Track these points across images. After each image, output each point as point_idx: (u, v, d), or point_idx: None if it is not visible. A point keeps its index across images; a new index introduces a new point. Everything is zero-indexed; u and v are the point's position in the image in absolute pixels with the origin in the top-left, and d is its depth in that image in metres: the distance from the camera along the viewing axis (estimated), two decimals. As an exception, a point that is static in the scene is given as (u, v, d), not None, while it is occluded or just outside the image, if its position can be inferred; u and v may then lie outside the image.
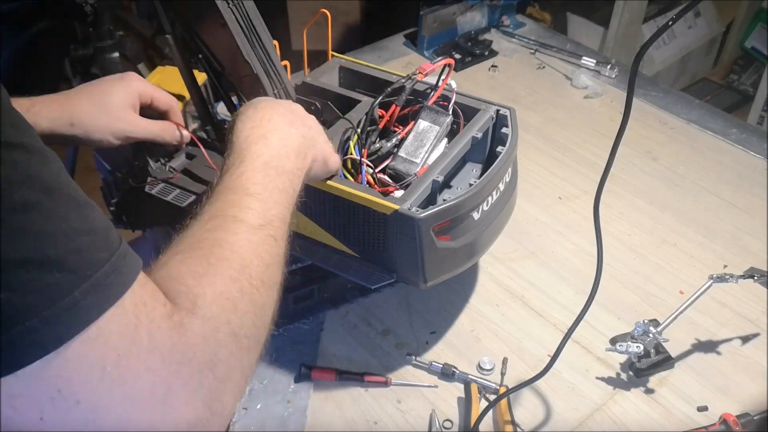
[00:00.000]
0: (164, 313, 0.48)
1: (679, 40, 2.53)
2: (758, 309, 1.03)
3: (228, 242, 0.58)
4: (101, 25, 1.52)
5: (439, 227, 0.82)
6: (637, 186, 1.24)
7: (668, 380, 0.93)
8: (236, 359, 0.52)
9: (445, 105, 0.94)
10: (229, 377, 0.51)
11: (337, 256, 0.90)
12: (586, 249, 1.12)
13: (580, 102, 1.46)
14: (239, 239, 0.59)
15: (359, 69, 1.04)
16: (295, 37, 2.35)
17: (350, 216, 0.85)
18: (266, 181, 0.66)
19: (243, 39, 0.89)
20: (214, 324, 0.51)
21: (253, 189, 0.64)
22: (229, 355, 0.51)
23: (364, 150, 0.90)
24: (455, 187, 0.94)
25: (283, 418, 0.89)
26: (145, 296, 0.47)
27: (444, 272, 0.88)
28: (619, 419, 0.89)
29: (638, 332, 0.91)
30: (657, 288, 1.06)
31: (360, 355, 0.96)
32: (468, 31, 1.62)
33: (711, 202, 1.22)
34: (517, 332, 1.00)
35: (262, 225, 0.62)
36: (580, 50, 1.58)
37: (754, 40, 2.67)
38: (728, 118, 1.42)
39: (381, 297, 1.04)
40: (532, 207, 1.20)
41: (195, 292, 0.52)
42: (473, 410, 0.87)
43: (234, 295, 0.54)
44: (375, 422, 0.89)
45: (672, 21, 0.65)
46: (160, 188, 1.03)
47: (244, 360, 0.53)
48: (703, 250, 1.12)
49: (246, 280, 0.56)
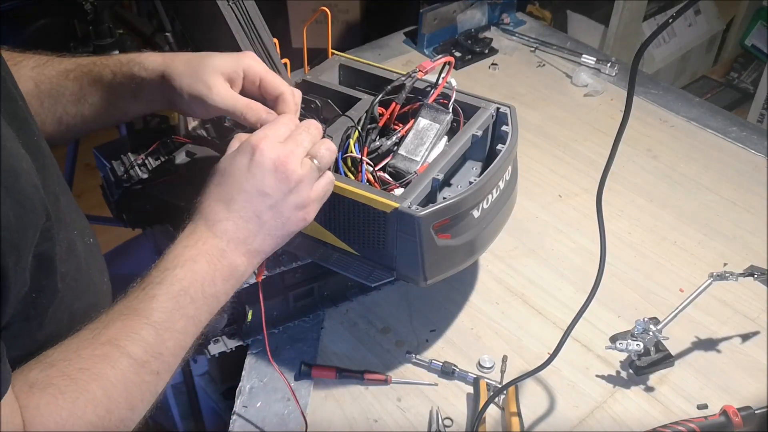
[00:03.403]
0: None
1: (679, 38, 2.53)
2: (758, 307, 1.03)
3: (105, 378, 0.61)
4: (101, 24, 1.52)
5: (439, 225, 0.82)
6: (637, 184, 1.24)
7: (668, 378, 0.93)
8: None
9: (445, 103, 0.94)
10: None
11: (337, 254, 0.90)
12: (587, 247, 1.12)
13: (580, 100, 1.46)
14: (117, 377, 0.62)
15: (359, 67, 1.04)
16: (295, 35, 2.34)
17: (350, 214, 0.85)
18: (175, 309, 0.67)
19: (243, 37, 0.89)
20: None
21: (156, 317, 0.66)
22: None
23: (364, 148, 0.90)
24: (455, 185, 0.94)
25: (283, 416, 0.89)
26: (7, 415, 0.54)
27: (444, 270, 0.88)
28: (619, 417, 0.89)
29: (638, 330, 0.91)
30: (657, 286, 1.06)
31: (360, 353, 0.96)
32: (468, 29, 1.62)
33: (711, 200, 1.21)
34: (517, 330, 1.00)
35: (147, 361, 0.64)
36: (580, 48, 1.58)
37: (754, 38, 2.67)
38: (728, 116, 1.42)
39: (381, 295, 1.04)
40: (533, 205, 1.20)
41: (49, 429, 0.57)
42: (482, 406, 0.87)
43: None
44: (375, 420, 0.89)
45: (672, 19, 0.65)
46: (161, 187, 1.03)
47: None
48: (704, 248, 1.12)
49: (106, 425, 0.61)
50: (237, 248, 0.72)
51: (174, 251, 0.71)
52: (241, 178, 0.73)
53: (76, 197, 0.80)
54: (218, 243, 0.72)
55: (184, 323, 0.68)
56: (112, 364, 0.62)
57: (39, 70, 0.83)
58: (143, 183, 1.04)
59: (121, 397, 0.62)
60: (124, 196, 1.05)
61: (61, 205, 0.69)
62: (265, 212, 0.73)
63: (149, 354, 0.64)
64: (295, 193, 0.74)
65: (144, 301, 0.66)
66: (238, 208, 0.73)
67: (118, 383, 0.62)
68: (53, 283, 0.67)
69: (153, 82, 0.82)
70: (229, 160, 0.75)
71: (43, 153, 0.68)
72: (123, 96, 0.84)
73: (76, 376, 0.60)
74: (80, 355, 0.61)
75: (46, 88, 0.83)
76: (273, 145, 0.74)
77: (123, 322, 0.64)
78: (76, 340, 0.63)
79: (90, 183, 1.62)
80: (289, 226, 0.76)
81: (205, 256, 0.71)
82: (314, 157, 0.76)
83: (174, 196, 1.02)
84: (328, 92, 0.99)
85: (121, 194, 1.05)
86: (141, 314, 0.65)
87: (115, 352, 0.62)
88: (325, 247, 0.90)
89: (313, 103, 0.97)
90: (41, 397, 0.57)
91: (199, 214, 0.74)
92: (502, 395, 0.90)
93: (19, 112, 0.66)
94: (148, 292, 0.67)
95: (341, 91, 0.99)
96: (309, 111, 0.96)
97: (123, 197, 1.05)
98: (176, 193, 1.02)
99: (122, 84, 0.83)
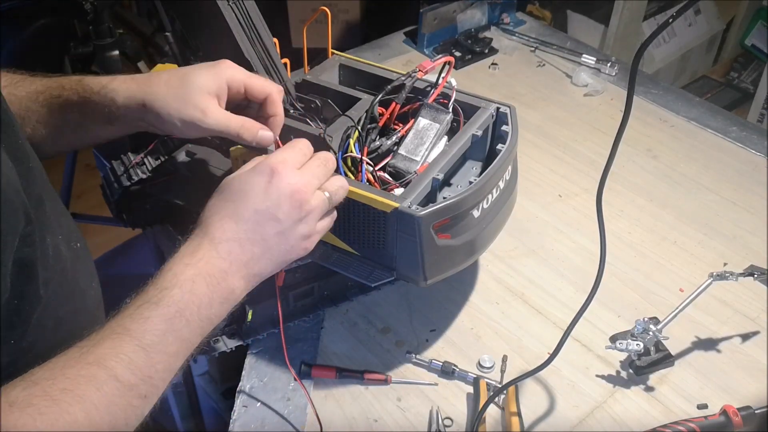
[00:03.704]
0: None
1: (680, 37, 2.53)
2: (758, 307, 1.03)
3: (88, 401, 0.59)
4: (101, 23, 1.52)
5: (439, 225, 0.82)
6: (637, 184, 1.24)
7: (668, 378, 0.93)
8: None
9: (445, 103, 0.94)
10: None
11: (337, 254, 0.90)
12: (587, 247, 1.12)
13: (581, 100, 1.46)
14: (101, 400, 0.60)
15: (359, 67, 1.04)
16: (295, 35, 2.35)
17: (350, 214, 0.85)
18: (169, 331, 0.66)
19: (243, 37, 0.89)
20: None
21: (148, 339, 0.64)
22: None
23: (364, 148, 0.90)
24: (455, 185, 0.94)
25: (282, 416, 0.89)
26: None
27: (444, 270, 0.88)
28: (619, 417, 0.89)
29: (638, 330, 0.91)
30: (657, 286, 1.06)
31: (360, 353, 0.96)
32: (468, 29, 1.62)
33: (711, 200, 1.21)
34: (517, 330, 1.00)
35: (136, 384, 0.62)
36: (580, 48, 1.58)
37: (754, 38, 2.67)
38: (728, 116, 1.42)
39: (381, 295, 1.04)
40: (532, 205, 1.20)
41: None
42: (482, 406, 0.87)
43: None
44: (375, 420, 0.89)
45: (672, 19, 0.65)
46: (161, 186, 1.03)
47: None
48: (704, 248, 1.12)
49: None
50: (238, 271, 0.71)
51: (174, 267, 0.69)
52: (256, 198, 0.72)
53: (76, 197, 0.80)
54: (221, 264, 0.70)
55: (176, 347, 0.66)
56: (97, 387, 0.60)
57: (9, 89, 0.81)
58: (143, 183, 1.04)
59: (104, 420, 0.60)
60: (124, 196, 1.05)
61: (46, 210, 0.68)
62: (272, 237, 0.72)
63: (138, 377, 0.63)
64: (304, 222, 0.74)
65: (137, 321, 0.64)
66: (247, 228, 0.71)
67: (102, 406, 0.60)
68: (35, 289, 0.65)
69: (130, 109, 0.80)
70: (245, 178, 0.73)
71: (28, 157, 0.67)
72: (95, 122, 0.82)
73: (58, 397, 0.58)
74: (65, 374, 0.59)
75: (15, 109, 0.80)
76: (291, 171, 0.73)
77: (113, 342, 0.62)
78: (64, 358, 0.61)
79: (90, 183, 1.62)
80: (291, 254, 0.75)
81: (206, 278, 0.69)
82: (327, 191, 0.76)
83: (174, 196, 1.02)
84: (328, 92, 0.99)
85: (121, 194, 1.05)
86: (133, 335, 0.63)
87: (101, 373, 0.60)
88: (325, 247, 0.90)
89: (313, 103, 0.97)
90: (19, 417, 0.56)
91: (204, 231, 0.72)
92: (502, 395, 0.90)
93: (3, 116, 0.65)
94: (142, 312, 0.65)
95: (341, 91, 0.99)
96: (309, 111, 0.96)
97: (123, 197, 1.05)
98: (176, 192, 1.02)
99: (94, 111, 0.81)
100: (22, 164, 0.64)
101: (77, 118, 0.82)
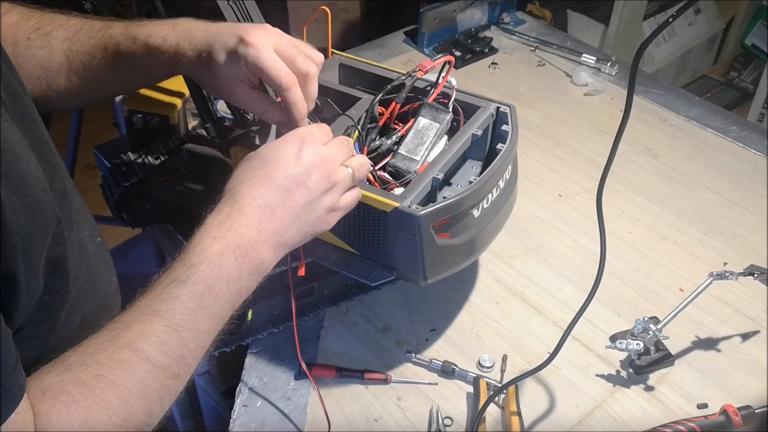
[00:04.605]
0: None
1: (680, 37, 2.53)
2: (758, 306, 1.03)
3: (121, 385, 0.59)
4: (101, 23, 1.52)
5: (439, 224, 0.82)
6: (637, 183, 1.24)
7: (668, 377, 0.93)
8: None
9: (445, 102, 0.94)
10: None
11: (337, 253, 0.90)
12: (587, 246, 1.12)
13: (581, 99, 1.46)
14: (135, 383, 0.60)
15: (359, 66, 1.04)
16: (295, 35, 2.34)
17: (350, 213, 0.85)
18: (199, 309, 0.65)
19: (243, 36, 0.89)
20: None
21: (178, 319, 0.63)
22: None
23: (364, 147, 0.90)
24: (455, 185, 0.94)
25: (283, 416, 0.89)
26: (19, 425, 0.53)
27: (444, 269, 0.87)
28: (619, 416, 0.89)
29: (638, 329, 0.91)
30: (657, 285, 1.06)
31: (360, 353, 0.96)
32: (468, 29, 1.62)
33: (711, 200, 1.21)
34: (517, 329, 1.00)
35: (169, 365, 0.62)
36: (580, 47, 1.58)
37: (754, 37, 2.67)
38: (728, 116, 1.42)
39: (381, 294, 1.04)
40: (533, 204, 1.20)
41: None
42: (482, 406, 0.87)
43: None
44: (375, 419, 0.89)
45: (672, 18, 0.65)
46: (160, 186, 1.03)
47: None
48: (703, 248, 1.12)
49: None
50: (268, 239, 0.70)
51: (201, 241, 0.67)
52: (288, 164, 0.72)
53: (76, 197, 0.80)
54: (250, 234, 0.69)
55: (207, 324, 0.66)
56: (129, 370, 0.59)
57: (68, 44, 0.81)
58: (143, 183, 1.04)
59: (139, 404, 0.60)
60: (124, 196, 1.05)
61: (72, 205, 0.68)
62: (303, 205, 0.72)
63: (170, 357, 0.62)
64: (330, 194, 0.74)
65: (166, 301, 0.63)
66: (278, 195, 0.71)
67: (136, 390, 0.60)
68: (65, 285, 0.66)
69: (198, 57, 0.79)
70: (275, 147, 0.73)
71: (52, 152, 0.67)
72: (154, 71, 0.83)
73: (91, 383, 0.58)
74: (97, 359, 0.59)
75: (75, 66, 0.81)
76: (319, 144, 0.74)
77: (143, 324, 0.62)
78: (95, 342, 0.61)
79: (90, 183, 1.62)
80: (316, 226, 0.75)
81: (234, 250, 0.67)
82: (350, 166, 0.76)
83: (174, 196, 1.02)
84: (328, 91, 0.99)
85: (121, 193, 1.05)
86: (163, 315, 0.63)
87: (133, 357, 0.60)
88: (325, 247, 0.90)
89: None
90: (53, 405, 0.56)
91: (234, 199, 0.70)
92: (502, 394, 0.90)
93: (27, 112, 0.65)
94: (171, 291, 0.64)
95: (341, 91, 0.99)
96: (309, 110, 0.96)
97: (123, 196, 1.05)
98: (176, 192, 1.02)
99: (158, 62, 0.81)
100: (46, 160, 0.64)
101: (139, 72, 0.82)
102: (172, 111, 1.11)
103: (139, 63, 0.81)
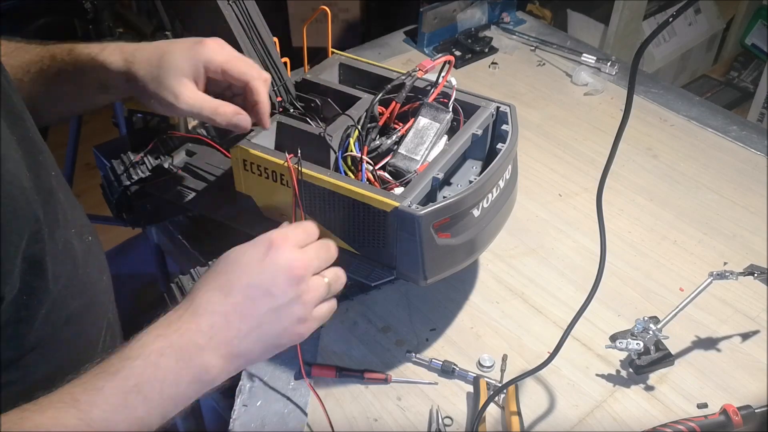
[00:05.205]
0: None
1: (680, 37, 2.53)
2: (758, 306, 1.03)
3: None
4: (101, 23, 1.52)
5: (439, 224, 0.82)
6: (637, 183, 1.24)
7: (668, 377, 0.93)
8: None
9: (445, 102, 0.94)
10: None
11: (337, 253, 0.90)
12: (587, 246, 1.12)
13: (581, 99, 1.46)
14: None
15: (359, 66, 1.04)
16: (295, 34, 2.35)
17: (350, 213, 0.85)
18: (121, 407, 0.59)
19: (243, 36, 0.89)
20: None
21: (95, 414, 0.57)
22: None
23: (364, 147, 0.90)
24: (455, 185, 0.94)
25: (283, 416, 0.89)
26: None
27: (444, 269, 0.88)
28: (619, 416, 0.89)
29: (638, 329, 0.91)
30: (657, 285, 1.06)
31: (360, 352, 0.96)
32: (468, 28, 1.62)
33: (711, 199, 1.21)
34: (517, 329, 1.00)
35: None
36: (580, 47, 1.58)
37: (754, 37, 2.67)
38: (728, 115, 1.42)
39: (381, 294, 1.04)
40: (533, 204, 1.20)
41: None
42: (482, 405, 0.87)
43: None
44: (375, 419, 0.89)
45: (672, 18, 0.65)
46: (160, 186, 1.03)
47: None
48: (704, 247, 1.12)
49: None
50: (217, 348, 0.65)
51: (143, 337, 0.63)
52: (249, 269, 0.67)
53: (76, 197, 0.80)
54: (198, 339, 0.64)
55: (126, 426, 0.59)
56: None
57: (5, 59, 0.79)
58: (143, 182, 1.04)
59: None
60: (124, 196, 1.05)
61: (57, 203, 0.67)
62: (264, 314, 0.67)
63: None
64: (301, 303, 0.69)
65: (89, 391, 0.58)
66: (236, 302, 0.66)
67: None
68: (45, 285, 0.64)
69: (118, 80, 0.79)
70: (242, 250, 0.70)
71: (38, 149, 0.66)
72: (89, 89, 0.82)
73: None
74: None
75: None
76: (291, 247, 0.69)
77: (56, 413, 0.56)
78: (12, 416, 0.56)
79: (90, 183, 1.62)
80: (283, 338, 0.69)
81: (177, 352, 0.62)
82: (326, 277, 0.73)
83: (174, 196, 1.02)
84: (328, 91, 0.99)
85: (121, 193, 1.05)
86: (80, 407, 0.57)
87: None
88: (325, 246, 0.90)
89: (313, 102, 0.97)
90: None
91: (189, 302, 0.66)
92: (502, 394, 0.90)
93: (14, 108, 0.65)
94: (96, 382, 0.59)
95: (341, 90, 0.99)
96: (309, 110, 0.96)
97: (123, 196, 1.05)
98: (176, 192, 1.02)
99: (88, 80, 0.80)
100: (32, 156, 0.63)
101: (71, 87, 0.82)
102: None
103: (71, 77, 0.80)
